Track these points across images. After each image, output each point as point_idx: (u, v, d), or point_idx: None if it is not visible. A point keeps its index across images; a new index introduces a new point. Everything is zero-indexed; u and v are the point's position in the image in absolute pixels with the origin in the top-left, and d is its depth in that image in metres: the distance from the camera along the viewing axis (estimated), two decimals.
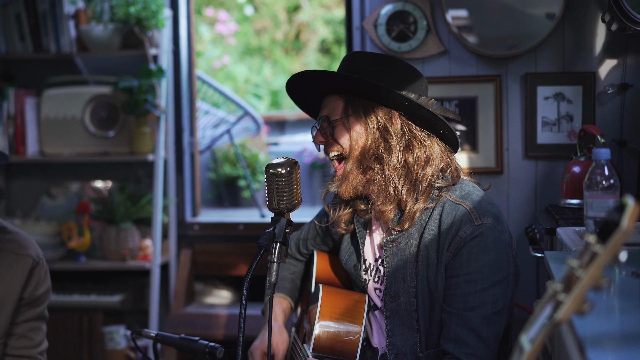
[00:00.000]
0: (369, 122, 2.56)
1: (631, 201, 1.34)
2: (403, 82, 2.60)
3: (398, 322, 2.61)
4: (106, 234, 4.96)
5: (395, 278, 2.60)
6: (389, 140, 2.55)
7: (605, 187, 2.31)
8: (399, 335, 2.61)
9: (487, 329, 2.45)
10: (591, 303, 1.34)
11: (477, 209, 2.52)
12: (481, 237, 2.48)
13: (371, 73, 2.58)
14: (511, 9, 4.18)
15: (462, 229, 2.49)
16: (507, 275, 2.51)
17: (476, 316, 2.45)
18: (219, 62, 9.22)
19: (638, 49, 4.07)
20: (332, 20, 9.74)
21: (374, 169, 2.56)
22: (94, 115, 5.11)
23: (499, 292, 2.48)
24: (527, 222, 4.17)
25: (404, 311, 2.59)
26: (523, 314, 4.09)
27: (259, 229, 5.20)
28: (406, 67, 2.65)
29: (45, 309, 2.86)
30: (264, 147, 6.62)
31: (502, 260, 2.50)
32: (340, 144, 2.60)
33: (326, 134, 2.62)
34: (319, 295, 2.71)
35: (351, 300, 2.73)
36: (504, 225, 2.56)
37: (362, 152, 2.57)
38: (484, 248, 2.47)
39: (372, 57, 2.65)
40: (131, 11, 4.82)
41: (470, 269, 2.47)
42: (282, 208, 2.33)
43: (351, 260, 2.80)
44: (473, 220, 2.50)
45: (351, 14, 4.52)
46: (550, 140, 4.19)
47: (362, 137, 2.57)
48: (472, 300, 2.46)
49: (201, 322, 4.89)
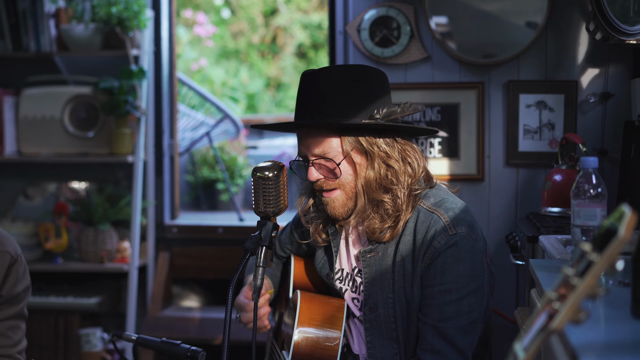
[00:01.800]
0: (373, 154, 2.52)
1: (628, 210, 1.33)
2: (377, 97, 2.56)
3: (377, 333, 2.60)
4: (84, 236, 4.92)
5: (373, 289, 2.59)
6: (393, 166, 2.53)
7: (593, 196, 2.31)
8: (379, 347, 2.60)
9: (462, 339, 2.45)
10: (587, 312, 1.34)
11: (452, 218, 2.51)
12: (455, 246, 2.47)
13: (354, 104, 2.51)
14: (492, 17, 4.20)
15: (437, 239, 2.48)
16: (482, 284, 2.51)
17: (452, 327, 2.44)
18: (196, 65, 9.19)
19: (620, 59, 4.09)
20: (310, 24, 9.73)
21: (384, 200, 2.52)
22: (73, 116, 5.06)
23: (474, 301, 2.48)
24: (508, 230, 4.18)
25: (383, 322, 2.58)
26: (503, 321, 4.10)
27: (238, 232, 5.18)
28: (374, 79, 2.58)
29: (24, 308, 2.81)
30: (243, 150, 6.60)
31: (476, 270, 2.49)
32: (345, 181, 2.54)
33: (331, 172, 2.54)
34: (298, 301, 2.69)
35: (330, 306, 2.72)
36: (478, 233, 2.54)
37: (367, 185, 2.53)
38: (458, 258, 2.46)
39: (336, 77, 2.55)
40: (113, 11, 4.78)
41: (445, 279, 2.46)
42: (268, 212, 2.31)
43: (325, 268, 2.79)
44: (447, 229, 2.48)
45: (334, 18, 4.51)
46: (531, 148, 4.20)
47: (367, 170, 2.53)
48: (447, 310, 2.46)
49: (178, 326, 4.86)
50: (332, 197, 2.56)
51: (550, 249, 2.73)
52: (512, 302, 4.12)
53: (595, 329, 1.65)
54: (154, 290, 5.06)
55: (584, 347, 1.51)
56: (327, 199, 2.57)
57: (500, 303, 4.17)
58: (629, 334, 1.63)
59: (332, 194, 2.56)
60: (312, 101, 2.54)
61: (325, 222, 2.69)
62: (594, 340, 1.57)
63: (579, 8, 4.14)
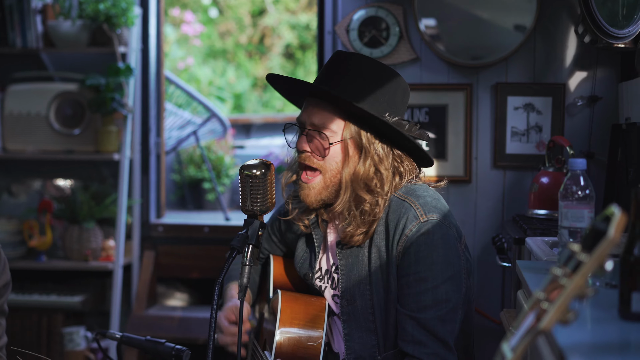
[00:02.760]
0: (367, 152, 2.50)
1: (617, 210, 1.33)
2: (394, 106, 2.56)
3: (355, 325, 2.59)
4: (68, 234, 4.89)
5: (350, 282, 2.58)
6: (382, 172, 2.51)
7: (581, 197, 2.30)
8: (357, 339, 2.59)
9: (442, 329, 2.44)
10: (575, 312, 1.33)
11: (422, 205, 2.49)
12: (427, 234, 2.45)
13: (372, 96, 2.50)
14: (481, 20, 4.20)
15: (408, 227, 2.46)
16: (458, 271, 2.49)
17: (430, 317, 2.43)
18: (182, 64, 9.18)
19: (608, 62, 4.10)
20: (298, 25, 9.73)
21: (365, 199, 2.51)
22: (59, 113, 5.03)
23: (450, 288, 2.46)
24: (494, 232, 4.18)
25: (361, 314, 2.57)
26: (489, 323, 4.10)
27: (224, 232, 5.16)
28: (400, 90, 2.58)
29: (4, 303, 2.77)
30: (230, 150, 6.58)
31: (451, 256, 2.47)
32: (329, 166, 2.53)
33: (318, 149, 2.53)
34: (279, 301, 2.67)
35: (311, 305, 2.70)
36: (450, 220, 2.53)
37: (354, 179, 2.51)
38: (431, 245, 2.45)
39: (368, 67, 2.55)
40: (100, 8, 4.76)
41: (420, 267, 2.45)
42: (255, 210, 2.29)
43: (304, 267, 2.77)
44: (419, 217, 2.47)
45: (323, 18, 4.51)
46: (519, 151, 4.20)
47: (357, 165, 2.51)
48: (424, 299, 2.44)
49: (163, 325, 4.83)
50: (310, 184, 2.54)
51: (537, 250, 2.73)
52: (497, 304, 4.12)
53: (583, 330, 1.65)
54: (139, 289, 5.03)
55: (572, 347, 1.51)
56: (304, 185, 2.55)
57: (486, 305, 4.17)
58: (617, 335, 1.62)
59: (312, 180, 2.54)
60: (337, 74, 2.53)
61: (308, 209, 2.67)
62: (582, 341, 1.57)
63: (567, 11, 4.14)
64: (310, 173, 2.55)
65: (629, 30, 3.56)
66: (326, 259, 2.70)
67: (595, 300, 1.86)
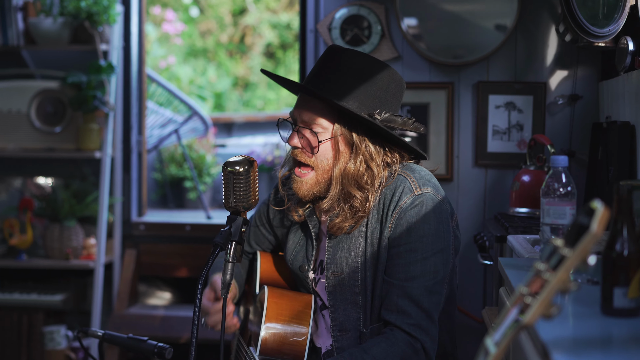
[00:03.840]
0: (358, 149, 2.52)
1: (600, 205, 1.33)
2: (387, 101, 2.56)
3: (341, 297, 2.60)
4: (49, 232, 4.87)
5: (338, 253, 2.59)
6: (373, 169, 2.53)
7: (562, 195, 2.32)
8: (341, 311, 2.60)
9: (428, 300, 2.46)
10: (558, 307, 1.34)
11: (417, 179, 2.53)
12: (421, 206, 2.49)
13: (363, 93, 2.51)
14: (462, 20, 4.22)
15: (402, 199, 2.50)
16: (448, 245, 2.53)
17: (417, 287, 2.46)
18: (164, 62, 9.15)
19: (589, 61, 4.12)
20: (279, 24, 9.73)
21: (355, 196, 2.52)
22: (40, 110, 5.01)
23: (439, 261, 2.49)
24: (476, 230, 4.19)
25: (347, 286, 2.58)
26: (470, 322, 4.11)
27: (206, 230, 5.15)
28: (393, 84, 2.58)
29: None
30: (211, 148, 6.57)
31: (442, 230, 2.51)
32: (320, 162, 2.54)
33: (310, 146, 2.53)
34: (265, 296, 2.68)
35: (297, 301, 2.71)
36: (444, 195, 2.58)
37: (344, 176, 2.52)
38: (424, 217, 2.49)
39: (359, 63, 2.54)
40: (82, 5, 4.74)
41: (411, 238, 2.48)
42: (238, 207, 2.29)
43: (297, 260, 2.76)
44: (413, 189, 2.51)
45: (305, 17, 4.51)
46: (500, 149, 4.22)
47: (348, 162, 2.52)
48: (412, 269, 2.47)
49: (144, 323, 4.82)
50: (303, 178, 2.56)
51: (518, 248, 2.74)
52: (479, 302, 4.13)
53: (565, 325, 1.66)
54: (120, 287, 5.02)
55: (554, 342, 1.52)
56: (297, 178, 2.57)
57: (468, 303, 4.18)
58: (599, 330, 1.63)
59: (305, 174, 2.56)
60: (328, 71, 2.54)
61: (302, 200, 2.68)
62: (564, 336, 1.58)
63: (548, 10, 4.16)
64: (304, 168, 2.57)
65: (609, 29, 3.58)
66: (320, 249, 2.71)
67: (577, 296, 1.87)
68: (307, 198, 2.60)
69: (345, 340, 2.61)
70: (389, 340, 2.45)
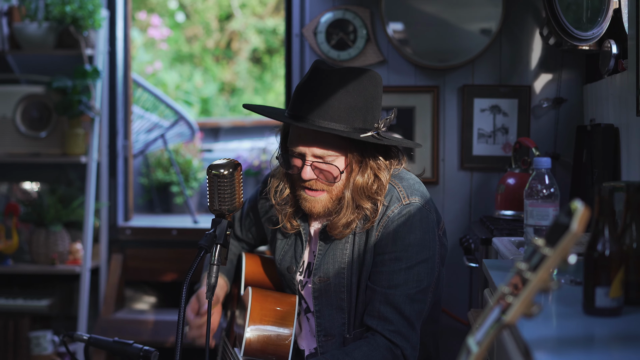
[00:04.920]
0: (367, 164, 2.53)
1: (581, 205, 1.34)
2: (379, 109, 2.57)
3: (326, 302, 2.62)
4: (35, 237, 4.85)
5: (325, 259, 2.61)
6: (381, 179, 2.54)
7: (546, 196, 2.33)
8: (327, 316, 2.62)
9: (409, 307, 2.48)
10: (539, 305, 1.35)
11: (406, 188, 2.56)
12: (408, 215, 2.52)
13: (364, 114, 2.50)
14: (447, 24, 4.24)
15: (390, 207, 2.53)
16: (433, 255, 2.55)
17: (399, 294, 2.48)
18: (150, 68, 9.14)
19: (573, 64, 4.15)
20: (265, 29, 9.74)
21: (366, 207, 2.54)
22: (26, 115, 5.00)
23: (423, 270, 2.51)
24: (462, 233, 4.21)
25: (333, 292, 2.60)
26: (456, 324, 4.12)
27: (192, 234, 5.15)
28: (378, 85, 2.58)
29: None
30: (198, 153, 6.56)
31: (428, 240, 2.53)
32: (335, 186, 2.54)
33: (327, 178, 2.53)
34: (249, 298, 2.68)
35: (282, 302, 2.72)
36: (431, 204, 2.60)
37: (354, 190, 2.53)
38: (410, 227, 2.51)
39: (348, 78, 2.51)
40: (67, 10, 4.73)
41: (397, 247, 2.51)
42: (223, 209, 2.30)
43: (285, 261, 2.76)
44: (401, 199, 2.53)
45: (291, 21, 4.52)
46: (485, 152, 4.24)
47: (357, 177, 2.53)
48: (396, 278, 2.49)
49: (131, 328, 4.81)
50: (318, 197, 2.55)
51: (503, 250, 2.75)
52: (465, 305, 4.14)
53: (548, 324, 1.67)
54: (107, 292, 5.00)
55: (537, 342, 1.52)
56: (310, 198, 2.55)
57: (454, 306, 4.19)
58: (581, 330, 1.65)
59: (318, 194, 2.55)
60: (320, 97, 2.49)
61: (296, 210, 2.67)
62: (547, 336, 1.59)
63: (532, 14, 4.19)
64: (313, 192, 2.56)
65: (593, 32, 3.60)
66: (310, 251, 2.71)
67: (560, 296, 1.89)
68: (321, 214, 2.60)
69: (330, 345, 2.62)
70: (370, 345, 2.47)
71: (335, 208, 2.57)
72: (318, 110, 2.47)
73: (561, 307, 1.81)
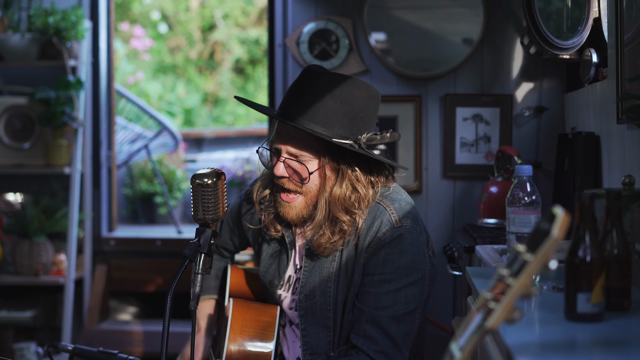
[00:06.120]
0: (344, 174, 2.52)
1: (561, 211, 1.36)
2: (368, 121, 2.56)
3: (312, 321, 2.61)
4: (18, 248, 4.84)
5: (312, 277, 2.60)
6: (359, 191, 2.53)
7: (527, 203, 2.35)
8: (312, 335, 2.61)
9: (396, 328, 2.48)
10: (521, 311, 1.36)
11: (397, 210, 2.53)
12: (400, 239, 2.50)
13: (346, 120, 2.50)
14: (429, 33, 4.27)
15: (382, 230, 2.50)
16: (423, 277, 2.53)
17: (386, 315, 2.48)
18: (132, 78, 9.14)
19: (554, 73, 4.18)
20: (247, 40, 9.75)
21: (343, 220, 2.52)
22: (9, 127, 4.99)
23: (412, 293, 2.50)
24: (445, 241, 4.22)
25: (319, 311, 2.59)
26: (440, 332, 4.13)
27: (176, 245, 5.15)
28: (370, 99, 2.57)
29: None
30: (182, 163, 6.57)
31: (418, 262, 2.52)
32: (309, 189, 2.53)
33: (300, 177, 2.53)
34: (230, 310, 2.68)
35: (263, 313, 2.71)
36: (422, 226, 2.58)
37: (332, 201, 2.52)
38: (401, 250, 2.50)
39: (337, 85, 2.52)
40: (50, 21, 4.73)
41: (386, 269, 2.49)
42: (207, 219, 2.30)
43: (269, 274, 2.76)
44: (393, 222, 2.51)
45: (274, 31, 4.54)
46: (468, 161, 4.26)
47: (334, 187, 2.52)
48: (384, 299, 2.49)
49: (115, 339, 4.80)
50: (292, 204, 2.56)
51: (486, 257, 2.77)
52: (449, 313, 4.16)
53: (530, 330, 1.68)
54: (91, 303, 4.99)
55: (519, 347, 1.54)
56: (285, 203, 2.56)
57: (438, 314, 4.21)
58: (563, 335, 1.66)
59: (293, 199, 2.56)
60: (308, 100, 2.51)
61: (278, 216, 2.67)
62: (529, 341, 1.60)
63: (513, 23, 4.22)
64: (292, 193, 2.56)
65: (573, 41, 3.64)
66: (293, 264, 2.71)
67: (542, 302, 1.90)
68: (295, 222, 2.60)
69: None
70: None
71: (311, 214, 2.58)
72: (300, 110, 2.50)
73: (543, 313, 1.83)
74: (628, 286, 1.84)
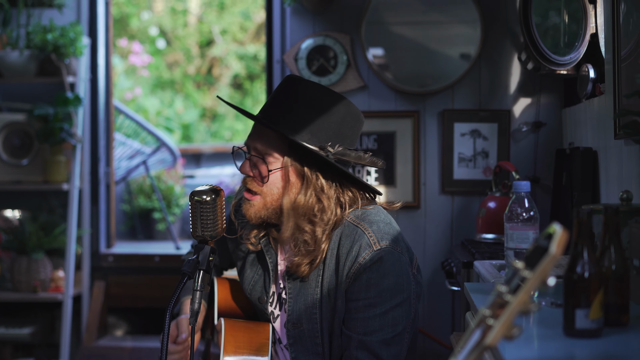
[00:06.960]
0: (309, 181, 2.49)
1: (559, 228, 1.36)
2: (341, 135, 2.55)
3: (302, 349, 2.59)
4: (17, 265, 4.83)
5: (297, 305, 2.58)
6: (323, 202, 2.51)
7: (525, 219, 2.35)
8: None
9: (386, 352, 2.46)
10: (520, 327, 1.36)
11: (376, 232, 2.49)
12: (380, 262, 2.45)
13: (316, 126, 2.48)
14: (427, 49, 4.28)
15: (362, 254, 2.46)
16: (408, 297, 2.51)
17: (375, 340, 2.45)
18: (130, 94, 9.15)
19: (551, 89, 4.19)
20: (246, 55, 9.77)
21: (305, 230, 2.50)
22: (7, 143, 4.99)
23: (399, 314, 2.48)
24: (444, 256, 4.22)
25: (308, 338, 2.57)
26: (439, 348, 4.13)
27: (175, 261, 5.14)
28: (349, 118, 2.55)
29: None
30: (180, 179, 6.57)
31: (402, 283, 2.49)
32: (269, 191, 2.52)
33: (260, 175, 2.52)
34: (222, 330, 2.67)
35: (255, 332, 2.70)
36: (402, 245, 2.53)
37: (295, 208, 2.50)
38: (384, 273, 2.46)
39: (316, 94, 2.52)
40: (48, 38, 4.74)
41: (370, 293, 2.46)
42: (206, 235, 2.30)
43: (255, 291, 2.74)
44: (372, 245, 2.47)
45: (272, 47, 4.55)
46: (466, 176, 4.27)
47: (298, 194, 2.50)
48: (371, 324, 2.46)
49: (113, 355, 4.79)
50: (252, 202, 2.55)
51: (484, 273, 2.77)
52: (448, 328, 4.15)
53: (529, 346, 1.68)
54: (89, 319, 4.99)
55: None
56: (246, 200, 2.56)
57: (436, 329, 4.20)
58: (562, 351, 1.66)
59: (253, 198, 2.54)
60: (283, 102, 2.53)
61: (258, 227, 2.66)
62: (528, 357, 1.60)
63: (511, 39, 4.23)
64: (249, 194, 2.56)
65: (570, 57, 3.65)
66: (275, 282, 2.70)
67: (541, 318, 1.90)
68: (254, 221, 2.57)
69: None
70: None
71: (272, 218, 2.56)
72: (274, 112, 2.52)
73: (542, 329, 1.83)
74: (626, 302, 1.85)
